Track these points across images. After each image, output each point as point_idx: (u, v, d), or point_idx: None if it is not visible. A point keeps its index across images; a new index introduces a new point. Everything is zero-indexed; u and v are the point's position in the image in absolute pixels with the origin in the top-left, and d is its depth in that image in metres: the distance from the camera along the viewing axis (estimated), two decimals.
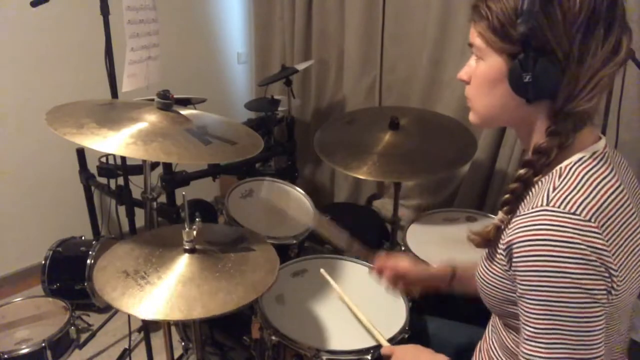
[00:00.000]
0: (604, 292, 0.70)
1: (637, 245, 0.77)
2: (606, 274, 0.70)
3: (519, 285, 0.74)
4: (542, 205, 0.73)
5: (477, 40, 0.81)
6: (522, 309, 0.74)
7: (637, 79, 1.70)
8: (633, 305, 0.83)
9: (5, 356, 1.55)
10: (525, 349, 0.74)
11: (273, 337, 1.25)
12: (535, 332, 0.72)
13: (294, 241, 1.69)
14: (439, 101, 2.36)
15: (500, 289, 0.83)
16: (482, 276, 0.88)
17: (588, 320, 0.70)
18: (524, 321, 0.74)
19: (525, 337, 0.74)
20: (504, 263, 0.78)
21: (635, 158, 1.80)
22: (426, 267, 1.19)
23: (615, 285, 0.72)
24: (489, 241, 0.88)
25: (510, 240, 0.74)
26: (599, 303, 0.70)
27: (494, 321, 0.98)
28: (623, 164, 0.85)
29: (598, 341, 0.71)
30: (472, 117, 0.89)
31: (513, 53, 0.76)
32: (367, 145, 1.75)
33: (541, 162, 0.79)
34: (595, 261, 0.69)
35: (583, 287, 0.69)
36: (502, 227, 0.85)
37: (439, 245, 1.66)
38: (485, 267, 0.87)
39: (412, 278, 1.21)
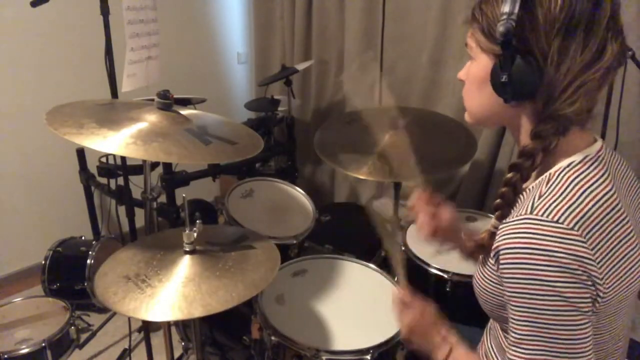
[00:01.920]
0: (588, 300, 0.70)
1: (629, 251, 0.76)
2: (589, 282, 0.70)
3: (505, 291, 0.74)
4: (526, 213, 0.73)
5: (470, 41, 0.83)
6: (509, 315, 0.75)
7: (637, 79, 1.70)
8: (633, 307, 0.83)
9: (5, 356, 1.55)
10: (510, 354, 0.75)
11: (273, 337, 1.25)
12: (519, 338, 0.73)
13: (294, 241, 1.69)
14: (439, 101, 2.36)
15: (495, 294, 0.83)
16: (478, 281, 0.88)
17: (570, 328, 0.70)
18: (510, 326, 0.75)
19: (510, 342, 0.75)
20: (495, 269, 0.79)
21: (636, 159, 1.79)
22: (460, 226, 1.13)
23: (600, 294, 0.71)
24: (483, 247, 0.88)
25: (496, 247, 0.75)
26: (580, 312, 0.70)
27: (492, 325, 0.98)
28: (622, 167, 0.85)
29: (583, 350, 0.71)
30: (466, 115, 0.90)
31: (497, 54, 0.77)
32: (367, 145, 1.74)
33: (527, 166, 0.79)
34: (577, 270, 0.69)
35: (563, 296, 0.69)
36: (496, 233, 0.85)
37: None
38: (481, 272, 0.88)
39: (447, 225, 1.12)
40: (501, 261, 0.73)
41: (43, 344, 1.59)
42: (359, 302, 1.34)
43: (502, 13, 0.73)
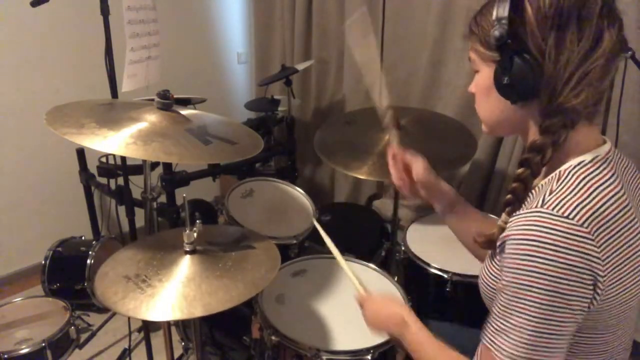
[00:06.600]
0: (584, 301, 0.71)
1: (635, 253, 0.76)
2: (589, 281, 0.70)
3: (503, 279, 0.75)
4: (537, 207, 0.74)
5: (472, 54, 0.85)
6: (498, 302, 0.76)
7: (637, 79, 1.70)
8: (636, 310, 0.83)
9: (5, 356, 1.55)
10: (494, 340, 0.75)
11: (273, 337, 1.25)
12: (507, 327, 0.74)
13: (294, 241, 1.69)
14: (439, 101, 2.36)
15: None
16: (483, 277, 0.88)
17: (558, 325, 0.71)
18: (497, 314, 0.76)
19: (495, 329, 0.76)
20: (499, 259, 0.79)
21: (636, 159, 1.79)
22: (436, 178, 1.13)
23: (597, 297, 0.72)
24: (493, 242, 0.88)
25: (504, 237, 0.75)
26: (571, 310, 0.71)
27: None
28: (630, 169, 0.85)
29: (561, 346, 0.72)
30: (482, 127, 0.92)
31: (497, 60, 0.79)
32: (367, 145, 1.74)
33: (537, 161, 0.79)
34: (583, 269, 0.69)
35: (562, 294, 0.69)
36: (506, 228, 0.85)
37: (439, 245, 1.66)
38: (487, 269, 0.88)
39: (420, 179, 1.12)
40: (506, 250, 0.74)
41: (43, 344, 1.59)
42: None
43: (494, 19, 0.75)
